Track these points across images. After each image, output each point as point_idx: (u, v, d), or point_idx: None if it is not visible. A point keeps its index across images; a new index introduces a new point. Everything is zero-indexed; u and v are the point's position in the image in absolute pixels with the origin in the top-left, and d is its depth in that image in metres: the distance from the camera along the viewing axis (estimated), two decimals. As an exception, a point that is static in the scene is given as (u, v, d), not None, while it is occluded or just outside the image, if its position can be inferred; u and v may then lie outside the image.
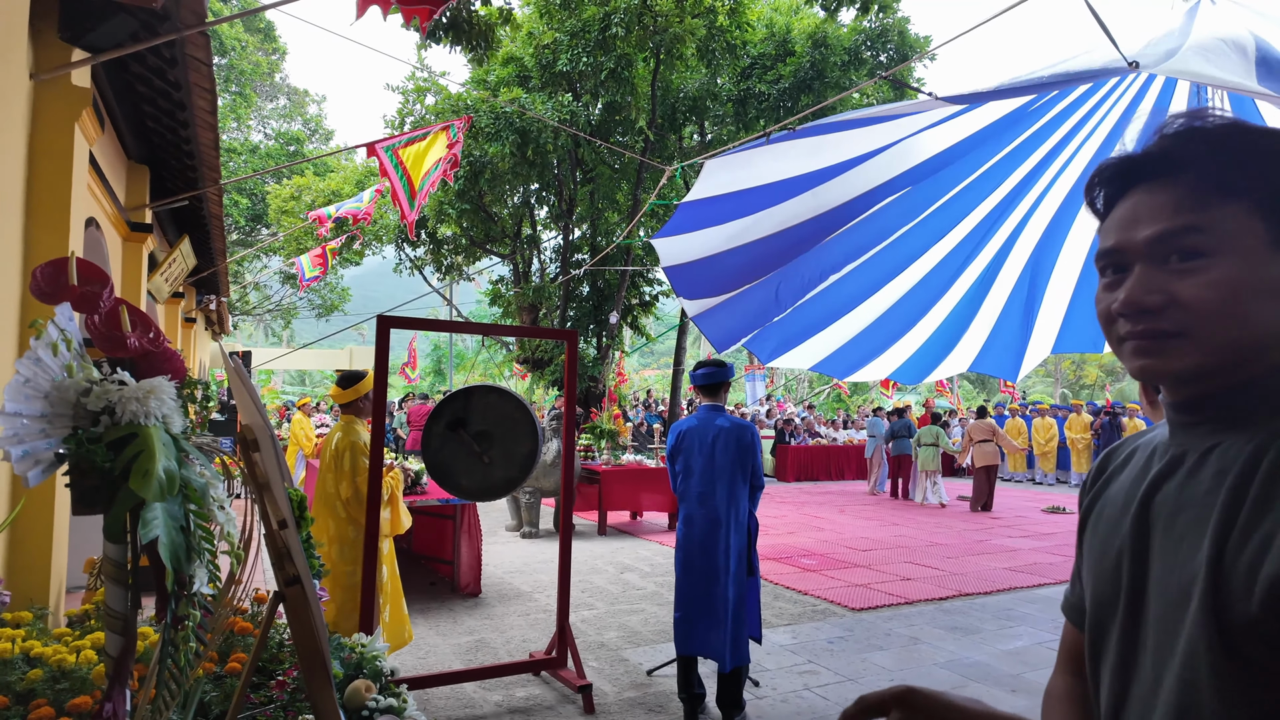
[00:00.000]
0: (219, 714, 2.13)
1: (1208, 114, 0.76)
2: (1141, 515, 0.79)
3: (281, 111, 25.36)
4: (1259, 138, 0.73)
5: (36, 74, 3.09)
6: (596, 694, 4.03)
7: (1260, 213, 0.71)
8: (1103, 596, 0.83)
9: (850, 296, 6.52)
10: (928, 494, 12.45)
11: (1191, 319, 0.72)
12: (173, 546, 1.23)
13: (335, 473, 3.90)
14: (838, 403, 27.73)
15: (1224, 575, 0.67)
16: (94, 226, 4.35)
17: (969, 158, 5.46)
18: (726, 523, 3.74)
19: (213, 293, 12.32)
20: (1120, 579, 0.80)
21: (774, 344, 6.69)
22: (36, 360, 1.24)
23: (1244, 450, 0.71)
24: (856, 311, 6.68)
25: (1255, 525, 0.67)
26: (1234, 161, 0.72)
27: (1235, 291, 0.71)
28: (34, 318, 1.39)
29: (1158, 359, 0.75)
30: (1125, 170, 0.79)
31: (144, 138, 5.27)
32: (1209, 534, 0.70)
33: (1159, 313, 0.74)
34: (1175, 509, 0.76)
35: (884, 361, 7.23)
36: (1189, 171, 0.74)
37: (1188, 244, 0.72)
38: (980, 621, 5.61)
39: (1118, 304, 0.77)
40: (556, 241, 16.07)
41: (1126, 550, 0.80)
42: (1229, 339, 0.72)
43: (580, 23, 12.35)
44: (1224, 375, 0.74)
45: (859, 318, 6.76)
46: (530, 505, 8.74)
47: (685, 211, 5.07)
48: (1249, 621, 0.65)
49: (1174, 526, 0.75)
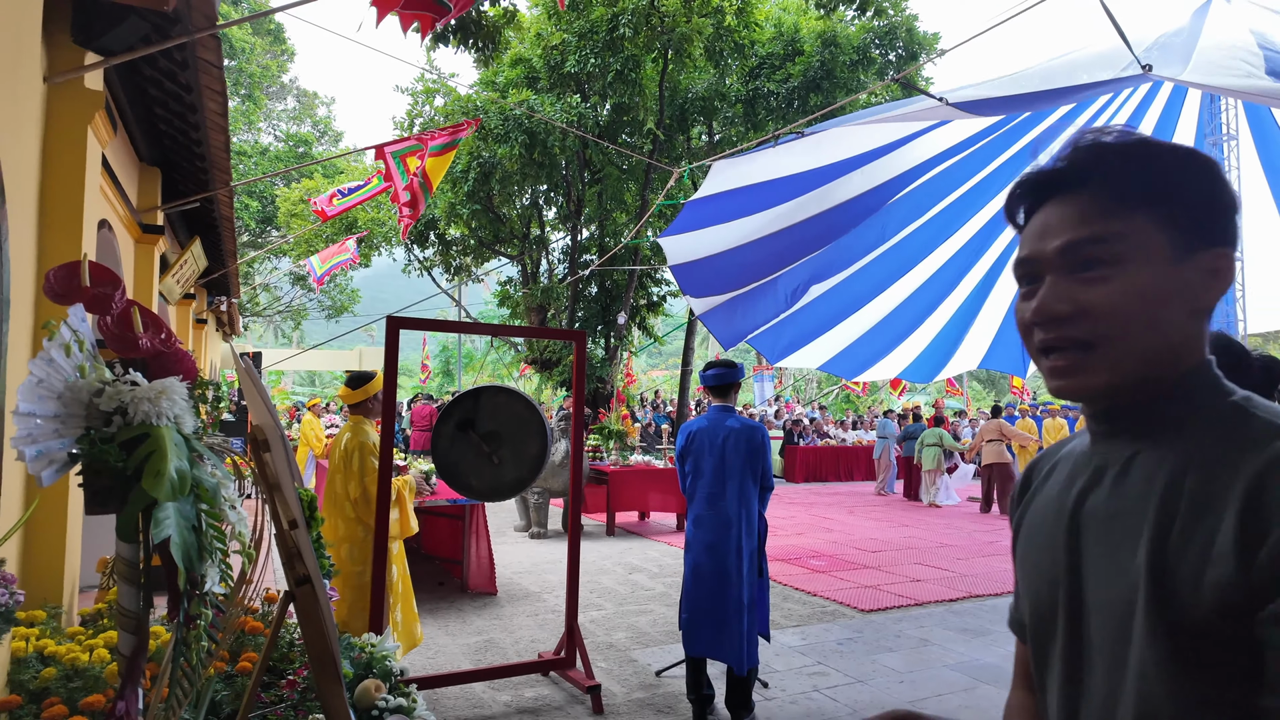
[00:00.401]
0: (230, 713, 2.14)
1: (1115, 130, 0.79)
2: (1072, 528, 0.80)
3: (291, 114, 25.49)
4: (1163, 152, 0.76)
5: (50, 77, 3.12)
6: (605, 694, 4.03)
7: (1163, 224, 0.74)
8: (1041, 610, 0.84)
9: (858, 295, 6.50)
10: (936, 495, 12.41)
11: (1101, 326, 0.74)
12: (185, 546, 1.24)
13: (344, 473, 3.91)
14: (846, 403, 27.65)
15: (1167, 582, 0.68)
16: (106, 228, 4.38)
17: (977, 154, 5.44)
18: (736, 524, 3.73)
19: (223, 294, 12.39)
20: (1057, 592, 0.81)
21: (782, 342, 6.68)
22: (50, 361, 1.24)
23: (1167, 457, 0.73)
24: (864, 310, 6.66)
25: (1193, 530, 0.67)
26: (1139, 175, 0.75)
27: (1142, 299, 0.73)
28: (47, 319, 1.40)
29: (1073, 379, 0.77)
30: (1039, 184, 0.81)
31: (156, 140, 5.31)
32: (1144, 542, 0.70)
33: (1069, 321, 0.76)
34: (1105, 518, 0.76)
35: (893, 360, 7.21)
36: (1096, 184, 0.76)
37: (1094, 253, 0.75)
38: (991, 623, 5.58)
39: (1030, 313, 0.79)
40: (565, 242, 16.09)
41: (1061, 563, 0.81)
42: (1138, 346, 0.74)
43: (588, 24, 12.37)
44: (1138, 387, 0.75)
45: (867, 316, 6.74)
46: (539, 506, 8.75)
47: (692, 209, 5.07)
48: (1198, 627, 0.65)
49: (1106, 537, 0.76)
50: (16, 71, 2.60)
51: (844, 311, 6.61)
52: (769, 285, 5.99)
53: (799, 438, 16.54)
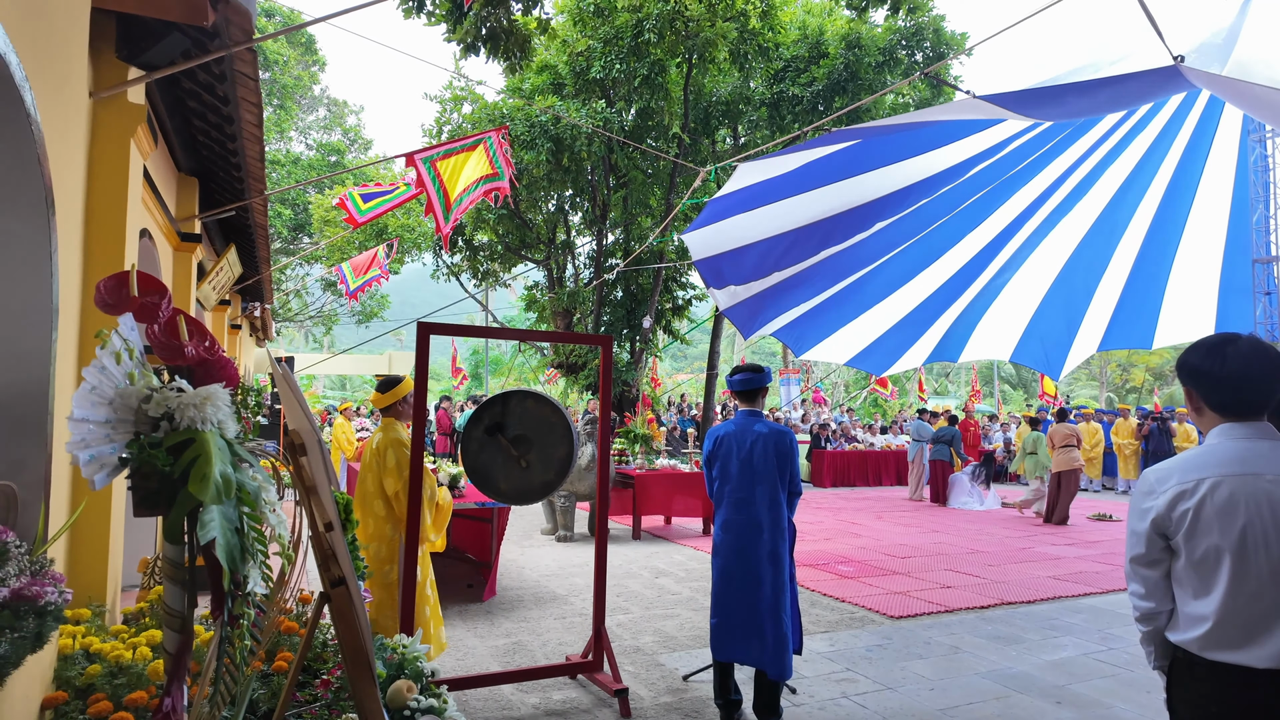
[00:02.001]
0: (267, 711, 2.19)
1: None
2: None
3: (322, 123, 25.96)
4: None
5: (95, 92, 3.23)
6: (633, 698, 4.04)
7: None
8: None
9: (884, 285, 6.43)
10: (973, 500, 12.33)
11: None
12: (228, 547, 1.28)
13: (376, 470, 3.99)
14: (874, 407, 27.37)
15: None
16: (147, 237, 4.51)
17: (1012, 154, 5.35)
18: (764, 529, 3.73)
19: (257, 300, 12.65)
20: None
21: (807, 334, 6.64)
22: (102, 369, 1.29)
23: None
24: (891, 300, 6.59)
25: None
26: None
27: None
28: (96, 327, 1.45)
29: None
30: None
31: (194, 151, 5.45)
32: None
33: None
34: None
35: (919, 349, 7.12)
36: None
37: None
38: (1023, 631, 5.48)
39: None
40: (590, 247, 16.17)
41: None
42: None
43: (613, 30, 12.44)
44: None
45: (895, 307, 6.66)
46: (565, 509, 8.79)
47: (715, 204, 5.06)
48: None
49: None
50: (64, 88, 2.69)
51: (870, 302, 6.54)
52: (793, 276, 5.93)
53: (826, 442, 16.42)
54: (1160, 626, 1.92)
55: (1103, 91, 3.41)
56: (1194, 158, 5.51)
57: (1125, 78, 3.29)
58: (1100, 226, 6.09)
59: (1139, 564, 1.92)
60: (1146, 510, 1.88)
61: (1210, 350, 1.89)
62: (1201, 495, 1.78)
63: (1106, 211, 5.99)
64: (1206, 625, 1.77)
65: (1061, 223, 6.18)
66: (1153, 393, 29.60)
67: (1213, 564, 1.77)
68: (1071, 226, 6.19)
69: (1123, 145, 5.52)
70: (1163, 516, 1.84)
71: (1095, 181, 5.83)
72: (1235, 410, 1.85)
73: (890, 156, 4.92)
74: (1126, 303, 6.35)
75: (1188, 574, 1.83)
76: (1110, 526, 10.62)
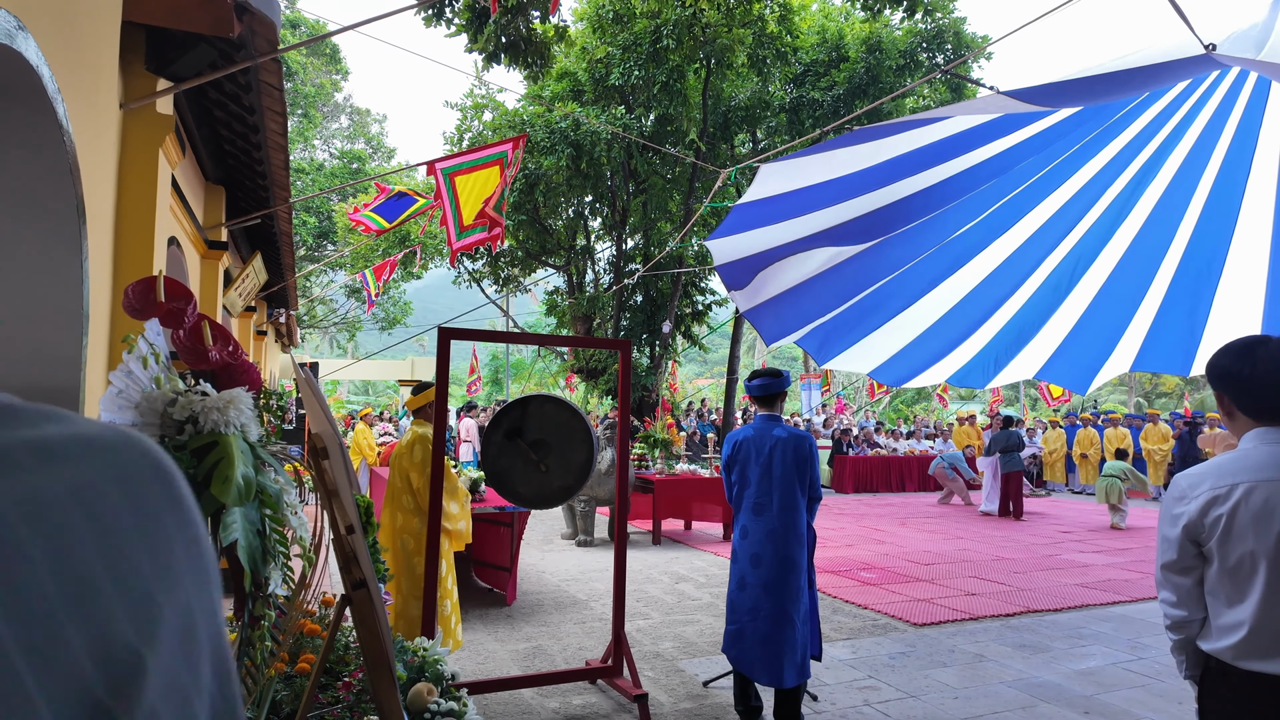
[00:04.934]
0: (289, 713, 2.21)
1: None
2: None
3: (344, 131, 26.34)
4: None
5: (125, 103, 3.30)
6: (652, 704, 4.03)
7: None
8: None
9: (911, 294, 6.33)
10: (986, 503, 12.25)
11: None
12: (250, 549, 1.29)
13: (405, 465, 4.13)
14: (896, 412, 27.10)
15: None
16: (175, 245, 4.60)
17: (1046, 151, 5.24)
18: (784, 534, 3.70)
19: (282, 306, 12.84)
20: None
21: (830, 343, 6.56)
22: (128, 373, 1.32)
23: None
24: (917, 309, 6.47)
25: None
26: None
27: None
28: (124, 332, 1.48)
29: None
30: None
31: (221, 160, 5.55)
32: None
33: None
34: None
35: (945, 365, 7.01)
36: None
37: None
38: (1050, 640, 5.39)
39: None
40: (610, 252, 16.22)
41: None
42: None
43: (632, 36, 12.49)
44: None
45: (920, 317, 6.55)
46: (585, 514, 8.80)
47: (740, 212, 5.03)
48: None
49: None
50: (95, 100, 2.76)
51: (895, 310, 6.44)
52: (817, 281, 5.86)
53: (848, 447, 16.28)
54: (1192, 635, 1.88)
55: (1135, 77, 3.34)
56: (1236, 167, 5.33)
57: (1155, 66, 3.23)
58: (1139, 246, 5.88)
59: (1170, 571, 1.88)
60: (1178, 516, 1.84)
61: (1240, 353, 1.85)
62: (1235, 501, 1.74)
63: (1145, 228, 5.79)
64: (1240, 633, 1.73)
65: (1106, 245, 5.98)
66: (1184, 397, 28.99)
67: (1247, 571, 1.73)
68: (1112, 247, 6.00)
69: (1165, 150, 5.35)
70: (1195, 522, 1.80)
71: (1138, 196, 5.65)
72: (1268, 414, 1.81)
73: (918, 164, 4.86)
74: (1164, 324, 6.11)
75: (1221, 581, 1.78)
76: (1137, 534, 10.40)
